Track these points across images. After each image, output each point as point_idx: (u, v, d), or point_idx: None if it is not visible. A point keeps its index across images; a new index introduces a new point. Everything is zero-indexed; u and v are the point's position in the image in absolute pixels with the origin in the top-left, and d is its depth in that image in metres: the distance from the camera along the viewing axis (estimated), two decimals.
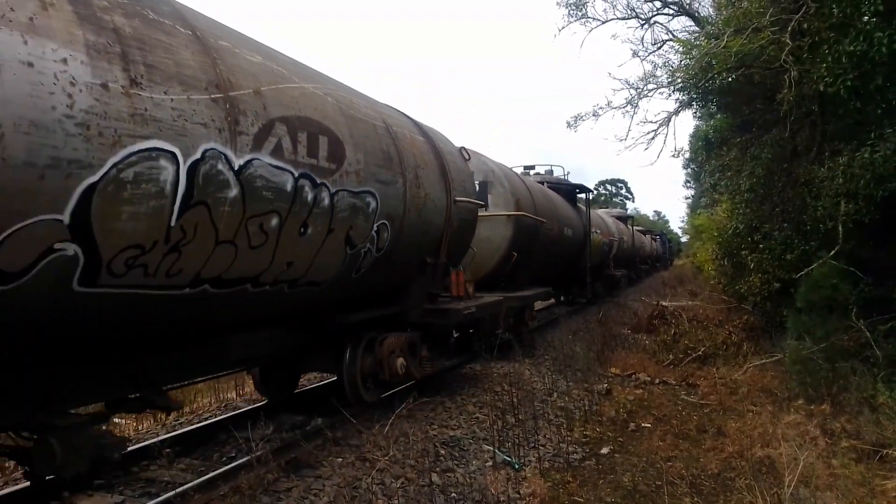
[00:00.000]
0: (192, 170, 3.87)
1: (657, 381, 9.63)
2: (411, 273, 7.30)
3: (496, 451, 6.10)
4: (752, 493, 4.72)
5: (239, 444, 6.06)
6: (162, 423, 7.84)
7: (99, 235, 3.44)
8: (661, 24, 20.10)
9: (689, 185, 48.81)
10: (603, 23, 20.04)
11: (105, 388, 4.78)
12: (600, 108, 17.71)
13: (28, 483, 4.91)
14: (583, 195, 18.18)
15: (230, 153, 4.16)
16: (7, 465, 6.21)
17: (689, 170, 38.33)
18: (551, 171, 17.50)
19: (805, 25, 9.24)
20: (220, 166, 4.08)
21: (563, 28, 20.75)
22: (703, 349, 10.93)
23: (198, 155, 3.91)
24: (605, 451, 6.54)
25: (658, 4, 19.16)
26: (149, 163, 3.59)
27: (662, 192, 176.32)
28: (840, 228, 8.69)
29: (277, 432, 6.72)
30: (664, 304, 16.36)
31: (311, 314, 6.19)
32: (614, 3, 22.46)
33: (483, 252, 10.08)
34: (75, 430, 4.23)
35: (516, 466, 5.85)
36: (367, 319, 6.80)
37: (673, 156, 26.47)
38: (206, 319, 4.92)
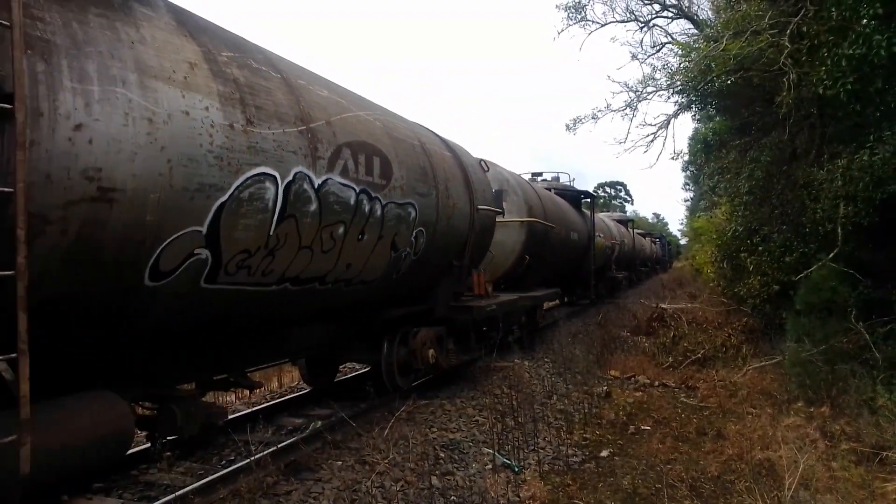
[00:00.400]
0: (287, 189, 4.83)
1: (657, 383, 9.62)
2: (440, 274, 8.16)
3: (496, 453, 6.09)
4: (752, 495, 4.71)
5: (238, 448, 6.05)
6: None
7: (223, 243, 4.37)
8: (660, 26, 20.14)
9: (688, 187, 48.92)
10: (602, 25, 20.10)
11: (204, 368, 5.68)
12: (599, 110, 17.71)
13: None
14: (587, 200, 19.04)
15: (312, 174, 5.11)
16: None
17: (688, 172, 38.40)
18: (557, 178, 18.46)
19: (804, 28, 9.26)
20: (305, 185, 5.04)
21: (563, 31, 20.80)
22: (702, 352, 10.93)
23: (290, 177, 4.86)
24: (604, 453, 6.54)
25: (657, 7, 19.21)
26: (258, 185, 4.56)
27: (661, 194, 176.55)
28: (839, 231, 8.70)
29: (276, 435, 6.71)
30: (663, 306, 16.36)
31: (358, 310, 7.09)
32: (613, 6, 22.56)
33: (499, 255, 10.77)
34: (191, 401, 5.24)
35: (516, 469, 5.85)
36: (403, 315, 7.70)
37: (672, 158, 26.44)
38: (280, 313, 5.81)
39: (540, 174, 17.99)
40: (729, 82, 10.68)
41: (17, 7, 3.06)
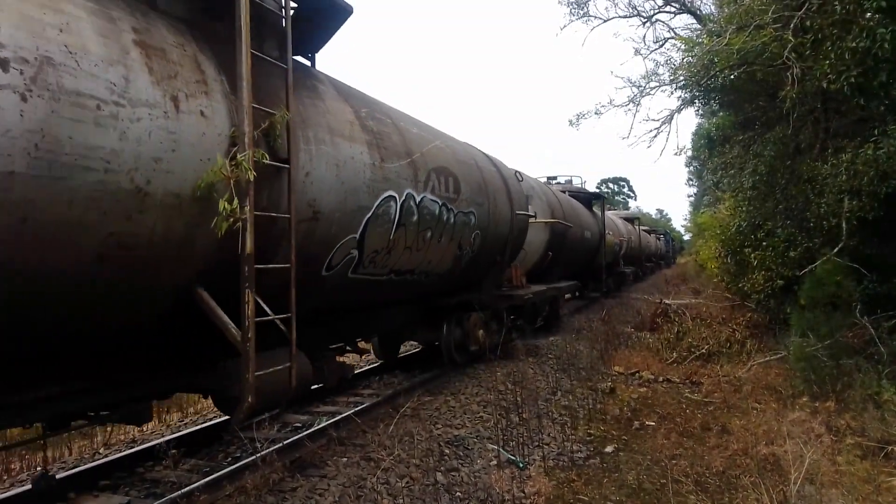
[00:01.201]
0: (401, 206, 6.44)
1: (661, 379, 9.62)
2: (488, 268, 9.76)
3: (500, 449, 6.10)
4: (758, 490, 4.71)
5: (244, 445, 6.08)
6: (167, 423, 7.87)
7: (366, 245, 5.97)
8: (663, 21, 20.14)
9: (691, 182, 48.85)
10: (605, 21, 20.03)
11: (338, 337, 7.08)
12: (602, 106, 17.71)
13: None
14: (598, 201, 20.82)
15: (415, 193, 6.74)
16: (13, 466, 6.24)
17: (692, 168, 38.33)
18: (570, 181, 20.16)
19: (808, 22, 9.22)
20: (411, 202, 6.65)
21: (566, 26, 20.74)
22: (706, 347, 10.91)
23: (403, 196, 6.48)
24: (609, 449, 6.54)
25: (660, 2, 19.15)
26: (387, 204, 6.18)
27: (665, 190, 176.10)
28: (843, 225, 8.68)
29: (282, 432, 6.74)
30: (667, 302, 16.35)
31: (428, 297, 8.67)
32: (616, 2, 22.48)
33: (528, 251, 12.15)
34: (332, 360, 6.67)
35: (521, 465, 5.85)
36: (458, 302, 9.28)
37: (675, 154, 26.41)
38: (383, 297, 7.37)
39: (555, 178, 19.39)
40: (732, 77, 10.65)
41: (292, 104, 4.78)
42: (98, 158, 3.31)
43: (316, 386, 6.39)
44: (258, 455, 5.19)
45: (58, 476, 5.22)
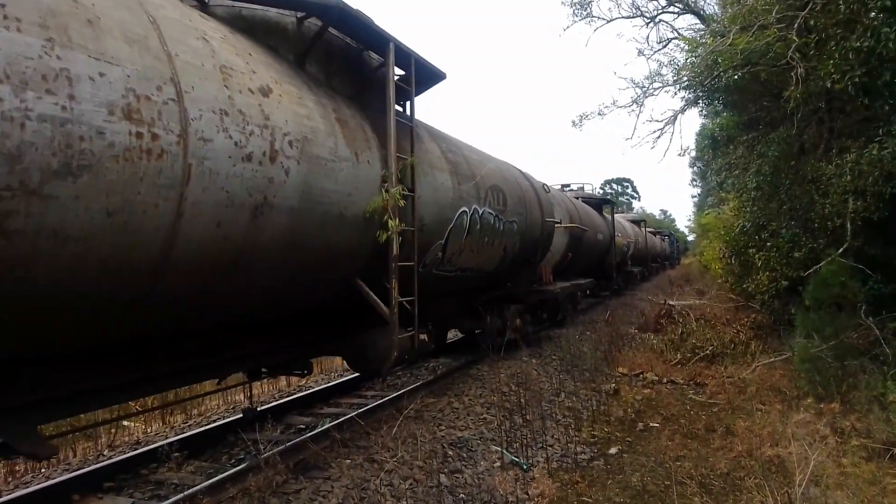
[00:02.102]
0: (470, 217, 7.96)
1: (665, 380, 9.60)
2: (523, 267, 11.17)
3: (504, 451, 6.09)
4: (763, 492, 4.70)
5: (247, 447, 6.08)
6: (171, 425, 7.87)
7: (448, 248, 7.57)
8: (667, 22, 20.03)
9: (695, 183, 48.78)
10: (608, 21, 19.95)
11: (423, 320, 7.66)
12: (606, 106, 17.64)
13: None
14: (608, 206, 22.65)
15: (478, 207, 8.24)
16: (18, 467, 6.26)
17: (696, 168, 38.29)
18: (582, 188, 22.08)
19: (812, 22, 9.19)
20: (475, 215, 8.12)
21: (568, 27, 20.71)
22: (710, 348, 10.88)
23: (471, 210, 8.00)
24: (613, 450, 6.53)
25: (663, 3, 19.08)
26: (462, 216, 7.74)
27: (669, 190, 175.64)
28: (848, 226, 8.64)
29: (285, 434, 6.74)
30: (671, 303, 16.31)
31: (476, 290, 10.07)
32: (619, 2, 22.43)
33: (552, 252, 13.40)
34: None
35: (524, 467, 5.84)
36: (499, 295, 10.89)
37: (679, 154, 26.36)
38: (450, 289, 8.74)
39: (568, 185, 21.06)
40: (736, 77, 10.60)
41: (415, 146, 6.69)
42: (326, 196, 5.04)
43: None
44: (261, 457, 5.19)
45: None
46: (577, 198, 18.45)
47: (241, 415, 7.18)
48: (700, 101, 14.35)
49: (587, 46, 47.05)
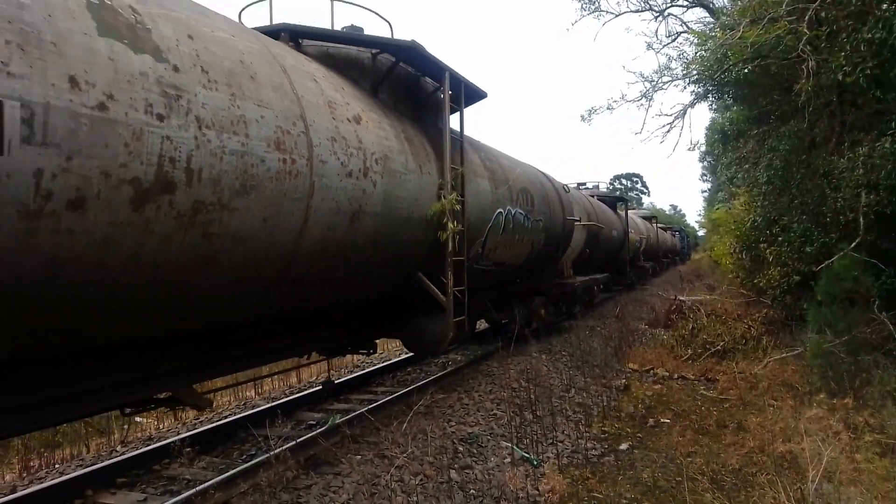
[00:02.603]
0: (505, 217, 8.80)
1: (676, 376, 9.56)
2: (547, 262, 12.02)
3: (514, 447, 6.09)
4: (775, 488, 4.67)
5: (258, 443, 6.11)
6: (183, 421, 7.92)
7: (487, 244, 8.39)
8: (676, 16, 19.92)
9: (705, 178, 48.51)
10: (616, 16, 19.82)
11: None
12: (615, 101, 17.54)
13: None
14: (621, 203, 23.87)
15: (511, 209, 9.07)
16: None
17: (706, 163, 38.04)
18: (597, 186, 23.46)
19: (822, 14, 9.11)
20: (508, 215, 8.94)
21: (577, 22, 20.62)
22: (721, 344, 10.83)
23: (505, 211, 8.83)
24: (623, 446, 6.51)
25: None
26: (498, 216, 8.58)
27: (678, 185, 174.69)
28: (861, 220, 8.57)
29: (296, 430, 6.76)
30: (682, 298, 16.24)
31: (506, 283, 11.00)
32: None
33: (572, 248, 14.23)
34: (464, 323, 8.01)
35: (535, 463, 5.84)
36: (524, 288, 11.77)
37: (689, 149, 26.17)
38: (484, 282, 9.33)
39: (584, 184, 22.09)
40: (746, 71, 10.51)
41: (464, 159, 7.66)
42: (399, 203, 6.01)
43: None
44: (272, 453, 5.21)
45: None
46: (593, 196, 19.48)
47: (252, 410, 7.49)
48: (710, 94, 14.26)
49: (595, 41, 46.75)
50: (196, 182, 3.64)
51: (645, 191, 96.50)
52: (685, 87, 14.92)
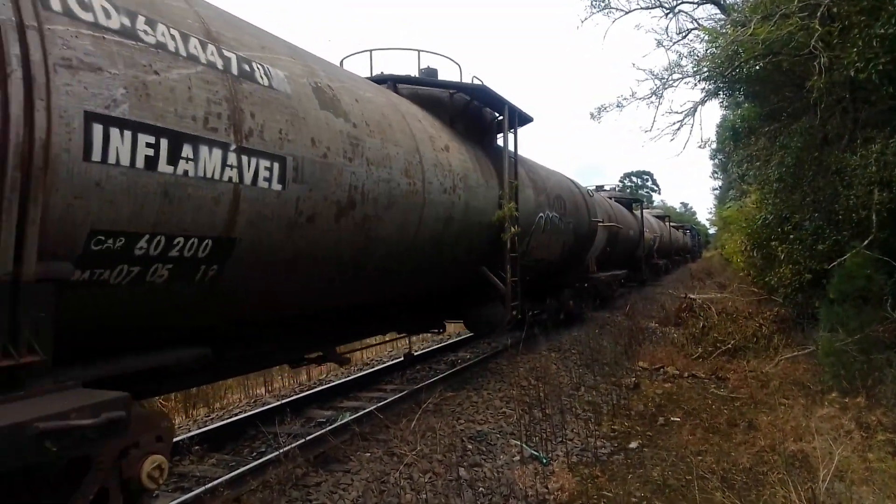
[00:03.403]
0: (543, 220, 10.07)
1: (686, 374, 9.51)
2: (576, 259, 13.30)
3: (523, 445, 6.09)
4: (786, 487, 4.63)
5: (268, 440, 6.14)
6: (193, 418, 7.97)
7: (530, 243, 9.63)
8: (686, 12, 19.72)
9: (716, 175, 48.10)
10: (626, 13, 19.72)
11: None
12: (625, 98, 17.49)
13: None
14: (637, 204, 25.59)
15: (548, 213, 10.38)
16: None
17: (717, 160, 37.75)
18: (615, 188, 25.75)
19: (835, 10, 9.01)
20: (546, 218, 10.23)
21: (586, 19, 20.51)
22: (732, 342, 10.76)
23: (544, 215, 10.16)
24: (633, 445, 6.49)
25: None
26: (539, 220, 9.89)
27: (689, 183, 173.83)
28: (873, 217, 8.49)
29: (305, 427, 6.79)
30: (692, 296, 16.16)
31: (544, 277, 11.79)
32: None
33: (595, 247, 15.30)
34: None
35: (544, 461, 5.83)
36: (557, 282, 13.05)
37: (699, 146, 26.06)
38: (527, 276, 9.85)
39: (602, 187, 23.67)
40: (757, 68, 10.43)
41: (513, 175, 8.85)
42: (473, 210, 7.45)
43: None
44: (281, 450, 5.24)
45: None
46: (611, 198, 20.94)
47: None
48: (721, 92, 14.17)
49: (605, 39, 46.47)
50: (366, 202, 5.19)
51: (655, 188, 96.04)
52: (696, 85, 14.84)
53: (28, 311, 2.80)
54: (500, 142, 9.27)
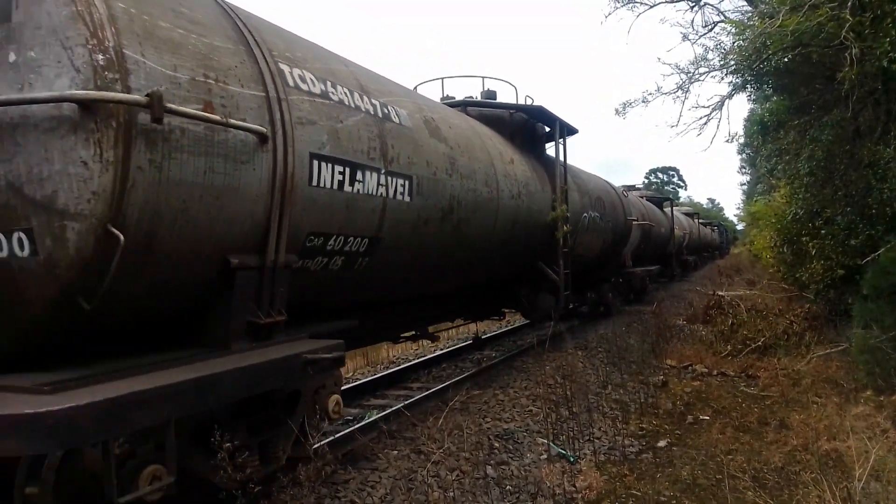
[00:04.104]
0: (587, 219, 11.45)
1: (715, 372, 9.39)
2: (613, 254, 14.53)
3: (551, 443, 6.07)
4: (820, 487, 4.55)
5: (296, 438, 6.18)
6: None
7: (576, 241, 10.72)
8: (712, 5, 19.40)
9: (744, 170, 47.28)
10: (651, 7, 19.49)
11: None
12: (650, 93, 17.21)
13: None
14: (668, 202, 27.26)
15: (590, 213, 11.62)
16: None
17: (744, 155, 37.07)
18: (641, 185, 27.78)
19: None
20: (588, 217, 11.54)
21: (610, 14, 20.22)
22: (762, 339, 10.60)
23: (588, 215, 11.54)
24: (662, 443, 6.43)
25: None
26: (583, 219, 11.27)
27: (716, 178, 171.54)
28: None
29: (333, 425, 6.84)
30: (721, 293, 15.94)
31: (585, 271, 12.73)
32: None
33: (630, 243, 16.29)
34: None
35: (571, 459, 5.81)
36: (597, 276, 14.23)
37: (727, 141, 25.55)
38: (575, 270, 10.74)
39: (633, 187, 23.97)
40: (786, 60, 10.24)
41: (563, 180, 10.16)
42: (533, 212, 8.86)
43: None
44: (311, 448, 5.28)
45: None
46: (642, 196, 22.43)
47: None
48: (748, 85, 13.90)
49: (629, 34, 46.08)
50: (460, 208, 6.57)
51: (682, 184, 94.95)
52: (722, 79, 14.56)
53: (278, 287, 4.19)
54: (549, 151, 10.58)
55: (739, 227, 74.59)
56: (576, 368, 9.17)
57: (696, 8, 18.73)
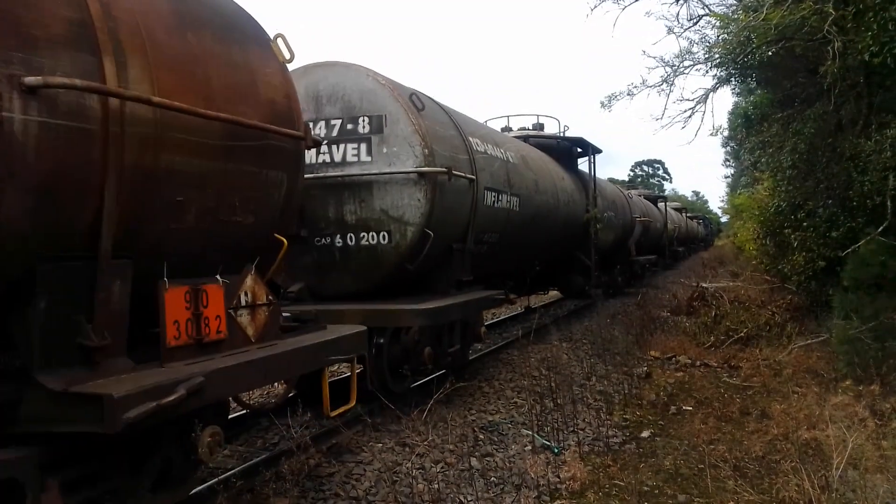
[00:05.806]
0: (604, 217, 14.76)
1: (698, 363, 9.48)
2: (621, 246, 17.82)
3: (535, 435, 6.09)
4: (799, 475, 4.61)
5: (281, 432, 6.18)
6: None
7: (600, 235, 14.34)
8: None
9: (728, 163, 47.59)
10: (636, 0, 19.52)
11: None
12: (635, 86, 17.25)
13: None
14: (662, 200, 30.83)
15: (608, 213, 15.40)
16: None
17: (728, 148, 37.32)
18: (631, 180, 35.00)
19: None
20: (607, 216, 15.14)
21: (595, 7, 20.22)
22: (745, 331, 10.70)
23: (607, 214, 15.15)
24: (645, 434, 6.48)
25: None
26: (605, 219, 14.87)
27: (700, 171, 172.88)
28: (889, 203, 8.38)
29: (317, 418, 6.83)
30: (704, 285, 16.07)
31: (602, 258, 15.04)
32: None
33: (634, 237, 19.39)
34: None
35: (556, 451, 5.84)
36: (609, 262, 16.56)
37: (711, 134, 25.67)
38: (597, 258, 14.26)
39: (635, 187, 28.45)
40: (770, 53, 10.30)
41: (595, 188, 14.68)
42: (573, 214, 12.77)
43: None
44: (294, 441, 5.27)
45: None
46: (641, 195, 26.07)
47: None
48: (732, 78, 13.96)
49: (614, 27, 46.02)
50: (540, 213, 10.36)
51: (667, 177, 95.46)
52: (707, 72, 14.61)
53: (468, 260, 7.82)
54: (581, 166, 14.70)
55: (724, 219, 75.24)
56: (560, 360, 9.22)
57: (681, 1, 18.78)
